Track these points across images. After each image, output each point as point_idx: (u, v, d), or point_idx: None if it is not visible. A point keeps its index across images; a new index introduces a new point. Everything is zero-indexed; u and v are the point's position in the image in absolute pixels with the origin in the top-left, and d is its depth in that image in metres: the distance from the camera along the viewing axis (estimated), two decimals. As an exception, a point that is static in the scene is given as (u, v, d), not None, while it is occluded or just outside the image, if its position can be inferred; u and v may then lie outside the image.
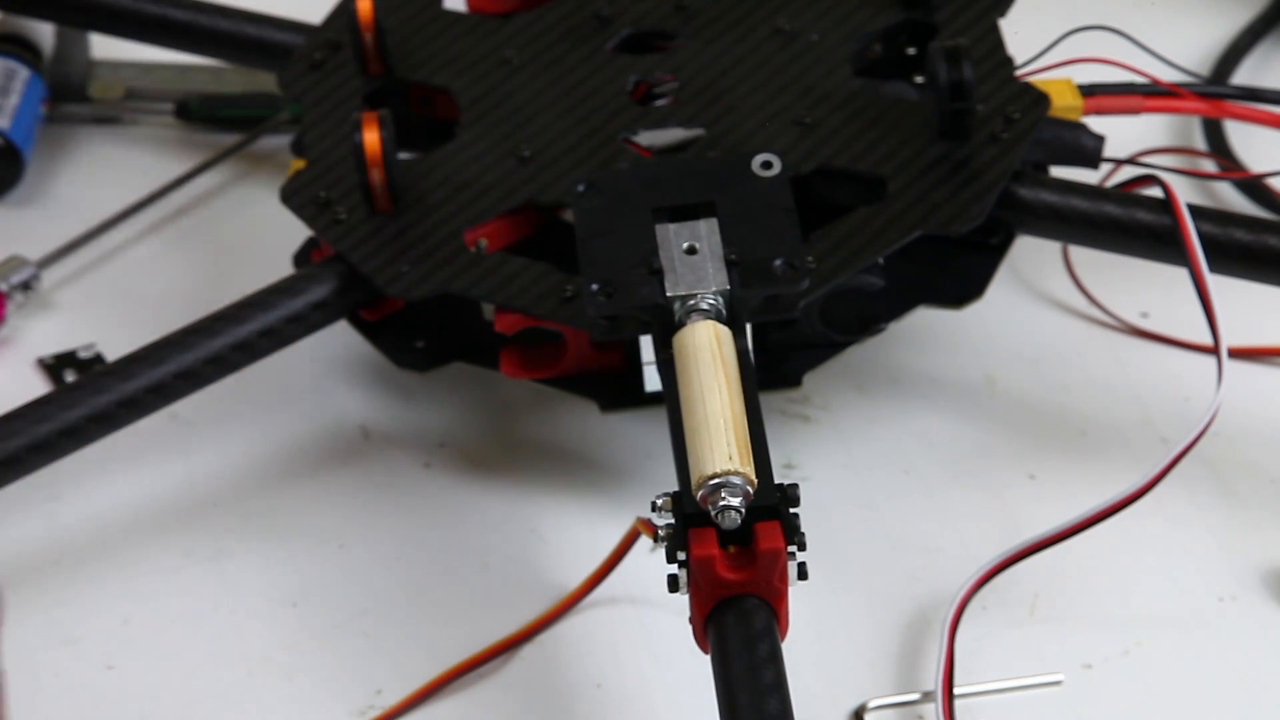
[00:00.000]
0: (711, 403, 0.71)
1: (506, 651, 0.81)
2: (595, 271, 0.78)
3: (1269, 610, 0.81)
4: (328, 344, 0.92)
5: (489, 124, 0.90)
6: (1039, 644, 0.80)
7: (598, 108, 0.90)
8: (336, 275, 0.86)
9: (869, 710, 0.78)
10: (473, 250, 0.85)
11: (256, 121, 1.04)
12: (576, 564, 0.83)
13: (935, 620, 0.81)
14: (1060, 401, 0.90)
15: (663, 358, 0.77)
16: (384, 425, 0.91)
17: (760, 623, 0.69)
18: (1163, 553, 0.83)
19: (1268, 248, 0.83)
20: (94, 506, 0.88)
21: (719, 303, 0.76)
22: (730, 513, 0.68)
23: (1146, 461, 0.80)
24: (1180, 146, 1.02)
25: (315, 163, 0.89)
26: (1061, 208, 0.85)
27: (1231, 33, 1.07)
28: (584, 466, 0.88)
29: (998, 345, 0.93)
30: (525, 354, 0.86)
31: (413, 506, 0.87)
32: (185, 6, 0.99)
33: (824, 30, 0.91)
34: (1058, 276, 0.96)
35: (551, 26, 0.93)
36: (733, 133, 0.88)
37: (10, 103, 1.00)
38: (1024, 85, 0.88)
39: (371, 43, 0.91)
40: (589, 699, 0.79)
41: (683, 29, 0.92)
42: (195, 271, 0.98)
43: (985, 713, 0.78)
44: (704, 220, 0.79)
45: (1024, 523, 0.83)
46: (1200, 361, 0.90)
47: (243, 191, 1.02)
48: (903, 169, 0.85)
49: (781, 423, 0.89)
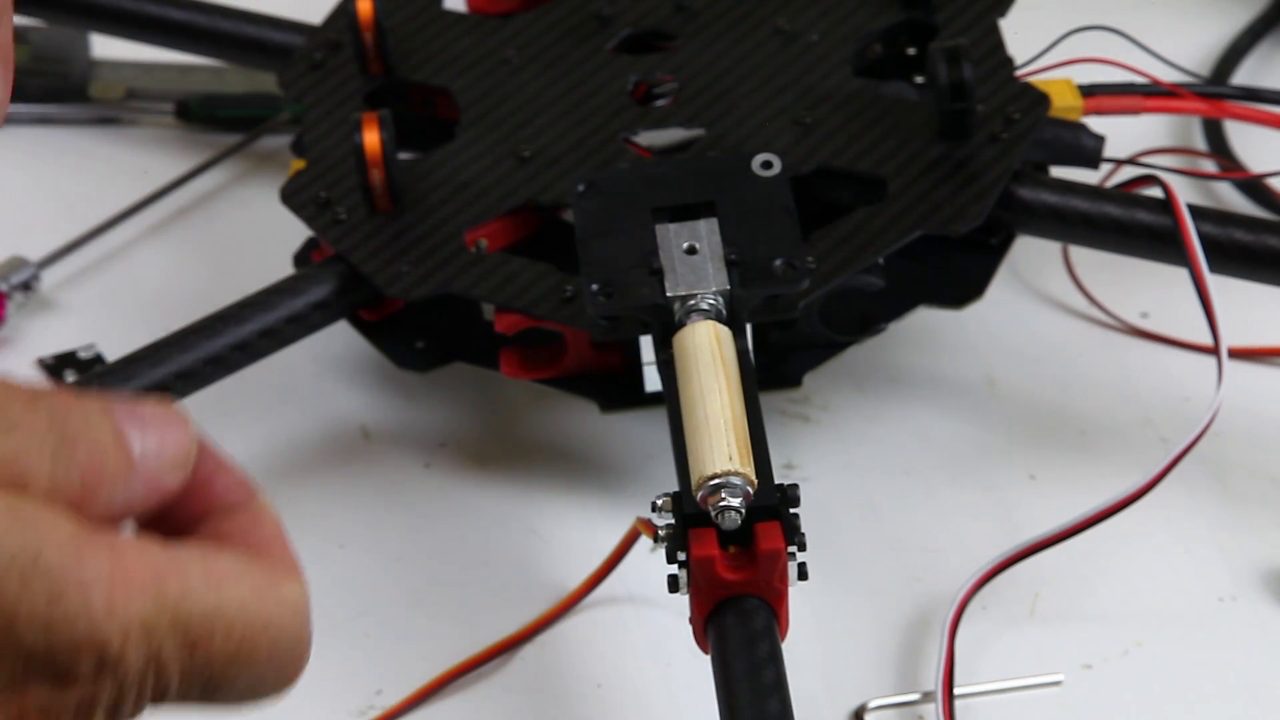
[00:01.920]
0: (711, 403, 0.71)
1: (506, 652, 0.81)
2: (595, 271, 0.78)
3: (1269, 610, 0.81)
4: (328, 344, 0.92)
5: (489, 124, 0.90)
6: (1039, 644, 0.80)
7: (598, 108, 0.90)
8: (336, 275, 0.86)
9: (869, 710, 0.78)
10: (473, 250, 0.85)
11: (256, 121, 1.03)
12: (576, 564, 0.83)
13: (935, 620, 0.81)
14: (1060, 401, 0.90)
15: (663, 358, 0.77)
16: (384, 425, 0.91)
17: (760, 623, 0.69)
18: (1163, 553, 0.83)
19: (1268, 248, 0.83)
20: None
21: (719, 303, 0.76)
22: (730, 513, 0.68)
23: (1146, 461, 0.80)
24: (1180, 146, 1.01)
25: (315, 163, 0.89)
26: (1061, 208, 0.85)
27: (1231, 33, 1.07)
28: (584, 466, 0.88)
29: (998, 345, 0.93)
30: (525, 354, 0.86)
31: (413, 506, 0.87)
32: (185, 6, 0.99)
33: (824, 30, 0.91)
34: (1058, 276, 0.95)
35: (551, 27, 0.93)
36: (733, 133, 0.88)
37: None
38: (1024, 85, 0.88)
39: (372, 43, 0.91)
40: (589, 699, 0.79)
41: (683, 29, 0.92)
42: (195, 271, 0.98)
43: (985, 713, 0.78)
44: (704, 220, 0.79)
45: (1024, 523, 0.83)
46: (1200, 361, 0.90)
47: (243, 191, 1.02)
48: (903, 169, 0.85)
49: (781, 423, 0.89)
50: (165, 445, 0.47)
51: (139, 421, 0.47)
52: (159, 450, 0.47)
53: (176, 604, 0.44)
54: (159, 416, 0.48)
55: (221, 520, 0.48)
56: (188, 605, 0.44)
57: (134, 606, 0.43)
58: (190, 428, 0.48)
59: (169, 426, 0.48)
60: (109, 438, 0.46)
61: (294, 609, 0.47)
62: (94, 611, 0.43)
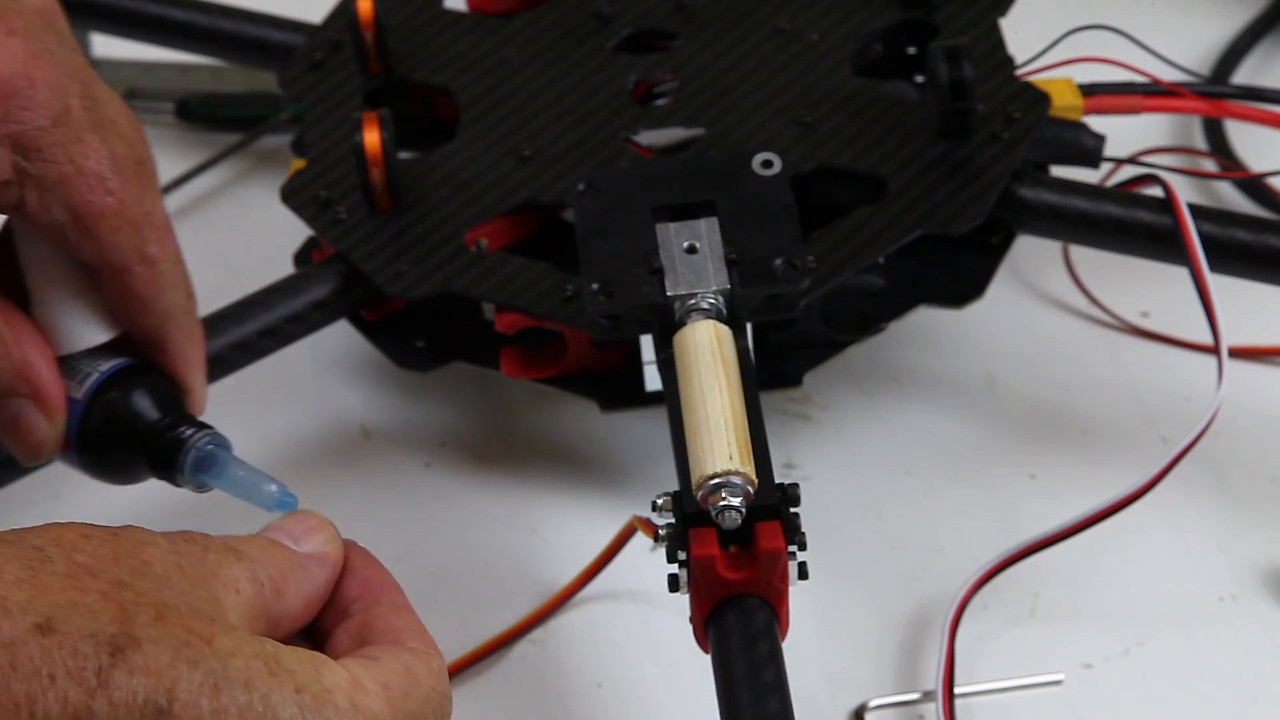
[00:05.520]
0: (712, 402, 0.71)
1: (502, 647, 0.81)
2: (595, 271, 0.78)
3: (1269, 610, 0.81)
4: (328, 344, 0.92)
5: (489, 123, 0.90)
6: (1039, 644, 0.80)
7: (598, 107, 0.90)
8: (337, 275, 0.86)
9: (869, 710, 0.78)
10: (473, 250, 0.85)
11: (257, 121, 1.04)
12: (577, 563, 0.82)
13: (935, 620, 0.81)
14: (1060, 401, 0.90)
15: (663, 357, 0.77)
16: (384, 425, 0.91)
17: (760, 622, 0.69)
18: (1163, 553, 0.83)
19: (1268, 247, 0.83)
20: (94, 506, 0.87)
21: (719, 302, 0.76)
22: (730, 512, 0.68)
23: (1146, 461, 0.80)
24: (1180, 146, 1.02)
25: (315, 162, 0.89)
26: (1062, 207, 0.85)
27: (1231, 32, 1.07)
28: (584, 466, 0.88)
29: (998, 345, 0.93)
30: (525, 354, 0.86)
31: (413, 506, 0.87)
32: (185, 6, 0.99)
33: (824, 30, 0.91)
34: (1058, 276, 0.96)
35: (552, 26, 0.93)
36: (733, 132, 0.88)
37: None
38: (1024, 85, 0.88)
39: (372, 42, 0.91)
40: (589, 698, 0.79)
41: (683, 28, 0.92)
42: (195, 271, 0.97)
43: (985, 712, 0.78)
44: (704, 219, 0.79)
45: (1024, 523, 0.83)
46: (1200, 361, 0.90)
47: (243, 191, 1.02)
48: (903, 168, 0.85)
49: (781, 422, 0.89)
50: (314, 533, 0.63)
51: (286, 532, 0.63)
52: (310, 538, 0.63)
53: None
54: (297, 519, 0.64)
55: (370, 610, 0.62)
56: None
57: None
58: (319, 515, 0.64)
59: (306, 520, 0.64)
60: (278, 549, 0.62)
61: (440, 674, 0.61)
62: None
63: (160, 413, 0.67)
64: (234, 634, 0.56)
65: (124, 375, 0.67)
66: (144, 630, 0.54)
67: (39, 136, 0.63)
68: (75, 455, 0.68)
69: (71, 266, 0.66)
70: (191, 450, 0.67)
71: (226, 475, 0.67)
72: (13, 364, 0.66)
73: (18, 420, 0.66)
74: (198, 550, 0.59)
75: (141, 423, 0.67)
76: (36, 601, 0.54)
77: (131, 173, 0.66)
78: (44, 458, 0.68)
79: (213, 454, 0.67)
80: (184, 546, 0.58)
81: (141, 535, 0.58)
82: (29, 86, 0.63)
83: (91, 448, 0.67)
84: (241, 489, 0.66)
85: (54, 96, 0.63)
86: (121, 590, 0.55)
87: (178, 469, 0.67)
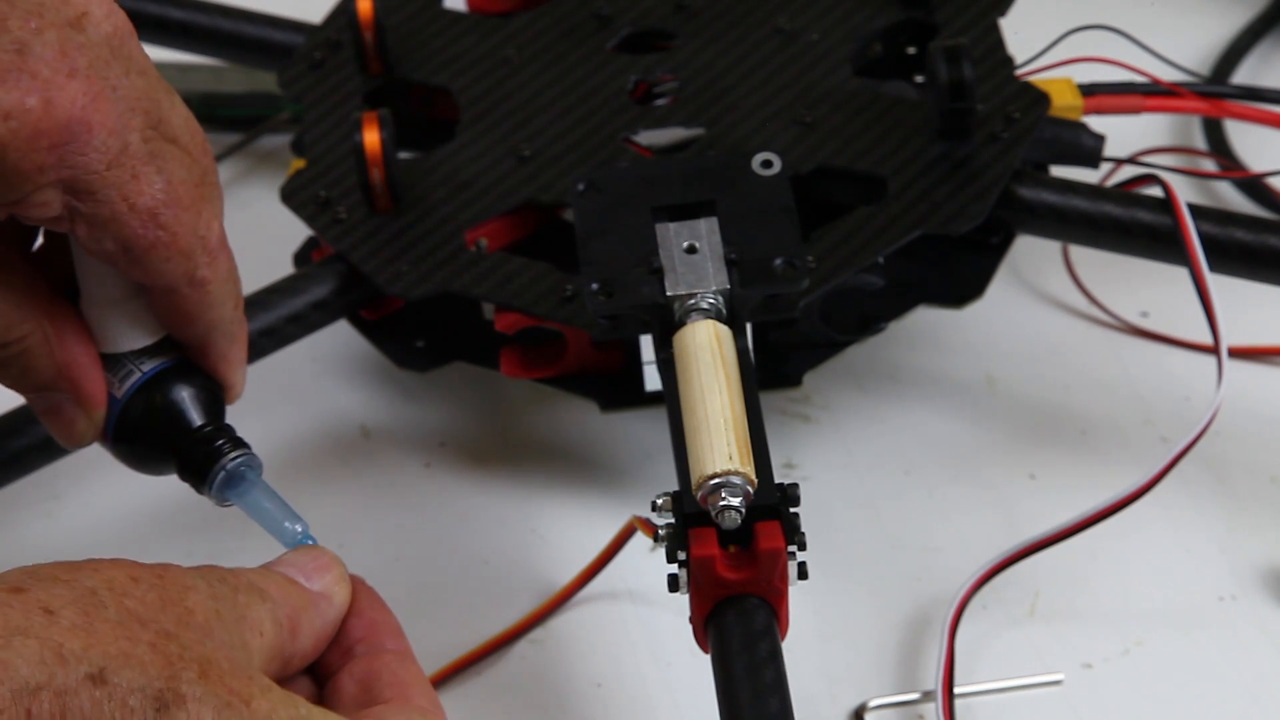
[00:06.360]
0: (712, 402, 0.71)
1: (500, 648, 0.81)
2: (595, 271, 0.78)
3: (1269, 610, 0.81)
4: (327, 344, 0.92)
5: (489, 123, 0.90)
6: (1039, 644, 0.80)
7: (598, 107, 0.90)
8: (336, 275, 0.86)
9: (869, 710, 0.78)
10: (473, 250, 0.85)
11: (256, 121, 1.04)
12: (576, 563, 0.82)
13: (935, 620, 0.81)
14: (1060, 401, 0.90)
15: (663, 357, 0.77)
16: (384, 425, 0.91)
17: (760, 622, 0.69)
18: (1163, 553, 0.83)
19: (1268, 247, 0.83)
20: (94, 506, 0.88)
21: (719, 302, 0.76)
22: (730, 512, 0.68)
23: (1146, 461, 0.80)
24: (1180, 146, 1.02)
25: (315, 162, 0.89)
26: (1062, 207, 0.85)
27: (1231, 33, 1.07)
28: (584, 466, 0.88)
29: (998, 345, 0.93)
30: (525, 354, 0.86)
31: (413, 506, 0.87)
32: (185, 6, 0.99)
33: (824, 30, 0.91)
34: (1058, 276, 0.96)
35: (551, 26, 0.93)
36: (733, 132, 0.88)
37: None
38: (1024, 85, 0.88)
39: (372, 42, 0.91)
40: (589, 698, 0.79)
41: (683, 28, 0.92)
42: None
43: (985, 712, 0.78)
44: (704, 219, 0.79)
45: (1024, 522, 0.83)
46: (1200, 361, 0.90)
47: (243, 191, 1.02)
48: (903, 168, 0.85)
49: (781, 422, 0.89)
50: (325, 571, 0.64)
51: (299, 568, 0.64)
52: (322, 576, 0.64)
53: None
54: (310, 555, 0.64)
55: (376, 657, 0.63)
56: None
57: None
58: (330, 552, 0.65)
59: (319, 556, 0.64)
60: (293, 587, 0.63)
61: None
62: None
63: (197, 419, 0.68)
64: (270, 694, 0.57)
65: (165, 377, 0.68)
66: (189, 688, 0.55)
67: (92, 180, 0.62)
68: (111, 447, 0.69)
69: (121, 276, 0.67)
70: (224, 467, 0.67)
71: (251, 500, 0.67)
72: (55, 363, 0.67)
73: (59, 411, 0.68)
74: (229, 592, 0.60)
75: (176, 428, 0.68)
76: (91, 650, 0.54)
77: (188, 199, 0.65)
78: (82, 446, 0.69)
79: (244, 475, 0.67)
80: (220, 589, 0.60)
81: (183, 579, 0.59)
82: (86, 132, 0.61)
83: (126, 445, 0.68)
84: (264, 518, 0.67)
85: (111, 138, 0.62)
86: (169, 642, 0.56)
87: (206, 481, 0.67)
